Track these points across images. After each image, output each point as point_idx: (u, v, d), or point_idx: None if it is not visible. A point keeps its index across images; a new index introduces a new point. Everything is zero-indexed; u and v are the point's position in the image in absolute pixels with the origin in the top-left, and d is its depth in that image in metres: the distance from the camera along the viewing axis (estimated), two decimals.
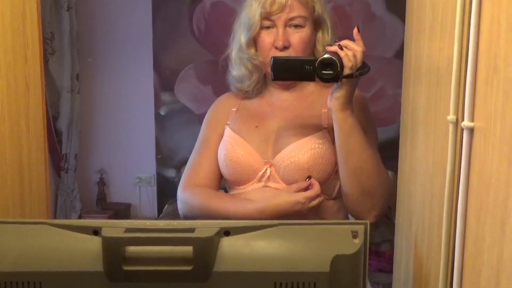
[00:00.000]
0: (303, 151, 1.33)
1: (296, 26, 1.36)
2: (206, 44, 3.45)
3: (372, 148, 1.33)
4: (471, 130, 0.71)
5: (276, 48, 1.36)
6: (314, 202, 1.29)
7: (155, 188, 3.63)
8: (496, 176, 0.61)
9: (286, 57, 1.31)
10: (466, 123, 0.71)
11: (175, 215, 3.11)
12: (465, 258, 0.73)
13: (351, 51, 1.21)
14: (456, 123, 0.78)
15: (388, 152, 1.57)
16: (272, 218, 1.29)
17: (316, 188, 1.30)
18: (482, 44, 0.68)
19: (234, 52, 1.45)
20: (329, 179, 1.35)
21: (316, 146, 1.33)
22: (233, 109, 1.48)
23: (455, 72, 0.77)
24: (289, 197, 1.29)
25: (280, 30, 1.35)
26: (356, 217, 1.34)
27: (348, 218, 1.41)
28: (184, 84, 3.51)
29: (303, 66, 1.22)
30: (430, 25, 1.01)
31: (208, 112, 1.54)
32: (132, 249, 0.84)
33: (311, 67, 1.20)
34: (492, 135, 0.63)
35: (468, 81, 0.71)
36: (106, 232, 0.84)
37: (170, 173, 3.60)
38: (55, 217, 3.43)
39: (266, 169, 1.36)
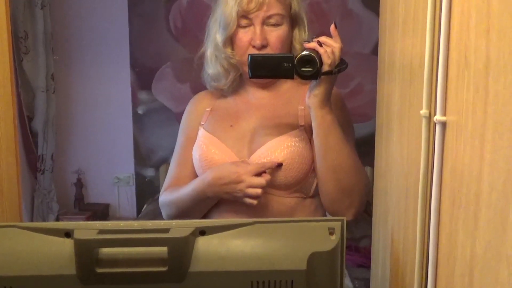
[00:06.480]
0: (279, 149, 1.32)
1: (273, 24, 1.35)
2: (183, 42, 3.43)
3: (350, 145, 1.33)
4: (444, 124, 0.71)
5: (253, 47, 1.34)
6: (255, 184, 1.26)
7: (133, 188, 3.60)
8: (468, 170, 0.61)
9: (263, 55, 1.29)
10: (438, 117, 0.71)
11: (154, 215, 3.10)
12: (439, 253, 0.73)
13: (329, 48, 1.20)
14: (429, 118, 0.78)
15: (366, 148, 1.57)
16: (213, 185, 1.30)
17: (265, 174, 1.28)
18: (453, 37, 0.68)
19: (209, 50, 1.42)
20: (306, 177, 1.34)
21: (293, 144, 1.32)
22: (207, 109, 1.46)
23: (427, 66, 0.77)
24: (230, 166, 1.30)
25: (258, 28, 1.33)
26: (334, 215, 1.33)
27: (326, 217, 1.41)
28: (161, 83, 3.49)
29: (281, 63, 1.20)
30: (403, 20, 1.01)
31: (183, 115, 1.52)
32: (105, 251, 0.82)
33: (290, 64, 1.19)
34: (464, 128, 0.63)
35: (440, 75, 0.70)
36: (78, 234, 0.82)
37: (149, 172, 3.57)
38: (32, 219, 3.38)
39: None
